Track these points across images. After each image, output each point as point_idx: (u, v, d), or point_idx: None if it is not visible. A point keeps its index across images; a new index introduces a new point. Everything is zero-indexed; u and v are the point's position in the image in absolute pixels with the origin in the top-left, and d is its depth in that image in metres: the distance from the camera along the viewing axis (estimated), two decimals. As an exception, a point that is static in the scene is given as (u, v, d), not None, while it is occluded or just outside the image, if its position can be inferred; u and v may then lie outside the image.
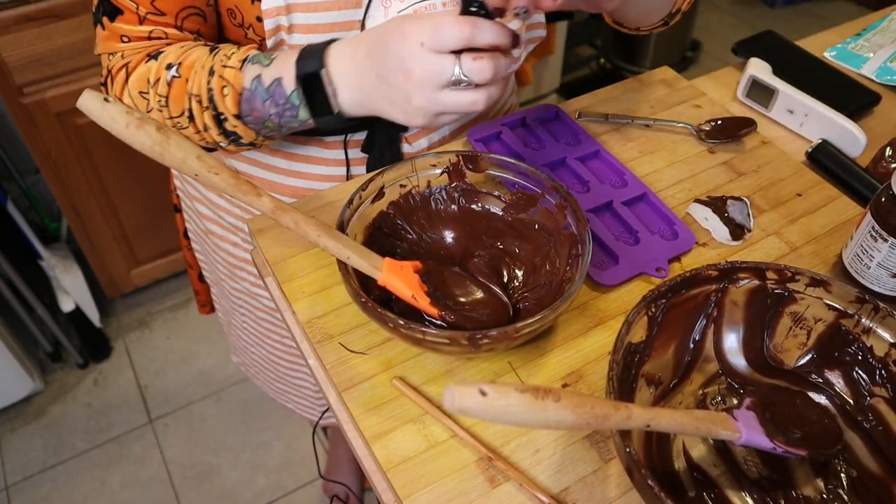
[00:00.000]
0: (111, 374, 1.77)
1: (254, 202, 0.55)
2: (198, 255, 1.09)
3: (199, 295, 1.21)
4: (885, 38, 1.01)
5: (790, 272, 0.57)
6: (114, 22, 0.66)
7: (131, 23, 0.66)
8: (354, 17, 0.66)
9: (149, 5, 0.65)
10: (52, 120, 1.39)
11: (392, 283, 0.58)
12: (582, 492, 0.53)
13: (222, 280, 1.01)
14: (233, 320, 1.09)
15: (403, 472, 0.53)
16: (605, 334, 0.63)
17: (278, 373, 1.11)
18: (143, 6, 0.64)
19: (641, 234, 0.70)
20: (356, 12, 0.66)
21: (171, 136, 0.52)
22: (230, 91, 0.62)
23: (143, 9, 0.65)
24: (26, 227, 1.62)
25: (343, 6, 0.65)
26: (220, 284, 1.05)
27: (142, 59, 0.66)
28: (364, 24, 0.66)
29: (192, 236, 1.06)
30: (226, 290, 1.03)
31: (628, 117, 0.84)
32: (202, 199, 0.91)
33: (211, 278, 1.11)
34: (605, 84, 0.90)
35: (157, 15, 0.65)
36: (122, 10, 0.65)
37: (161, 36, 0.67)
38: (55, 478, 1.58)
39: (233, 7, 0.67)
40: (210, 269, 1.06)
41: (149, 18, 0.65)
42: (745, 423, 0.50)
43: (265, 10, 0.64)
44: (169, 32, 0.67)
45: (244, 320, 1.04)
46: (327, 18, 0.66)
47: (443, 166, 0.66)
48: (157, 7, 0.65)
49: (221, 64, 0.63)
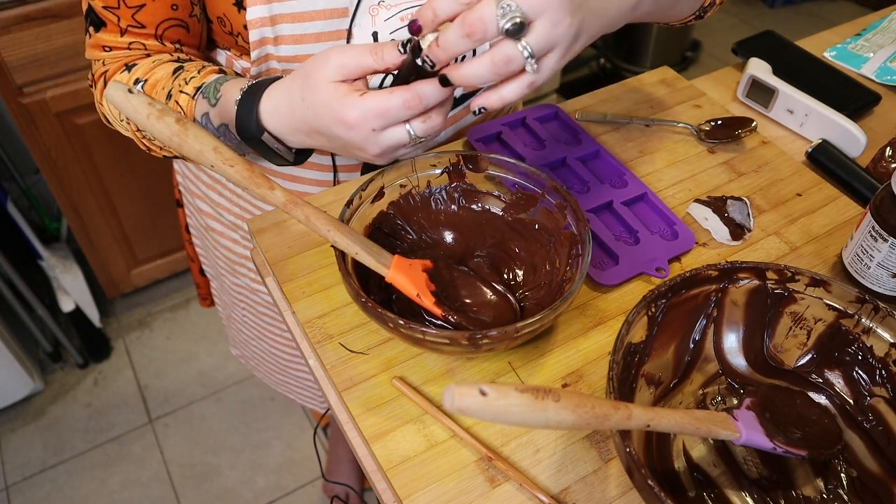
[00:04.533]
0: (111, 374, 1.77)
1: (266, 195, 0.55)
2: (198, 249, 1.10)
3: (199, 288, 1.21)
4: (885, 38, 1.01)
5: (790, 272, 0.57)
6: (98, 32, 0.67)
7: (113, 33, 0.67)
8: (341, 27, 0.66)
9: (129, 18, 0.65)
10: (52, 120, 1.39)
11: (398, 281, 0.58)
12: (582, 492, 0.53)
13: (223, 275, 1.02)
14: (233, 314, 1.10)
15: (403, 472, 0.53)
16: (605, 334, 0.63)
17: (279, 365, 1.12)
18: (125, 18, 0.65)
19: (641, 234, 0.70)
20: (343, 21, 0.65)
21: (189, 127, 0.53)
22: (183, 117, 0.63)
23: (123, 21, 0.65)
24: (26, 227, 1.62)
25: (329, 16, 0.65)
26: (220, 279, 1.06)
27: (119, 68, 0.68)
28: (351, 32, 0.66)
29: (193, 231, 1.07)
30: (226, 286, 1.04)
31: (628, 117, 0.84)
32: (203, 196, 0.92)
33: (211, 273, 1.12)
34: (605, 84, 0.90)
35: (137, 27, 0.66)
36: (105, 22, 0.66)
37: (139, 47, 0.68)
38: (55, 478, 1.58)
39: (222, 16, 0.67)
40: (210, 263, 1.07)
41: (129, 30, 0.66)
42: (745, 423, 0.50)
43: (250, 20, 0.63)
44: (148, 44, 0.68)
45: (244, 315, 1.05)
46: (314, 28, 0.65)
47: (443, 166, 0.66)
48: (138, 20, 0.66)
49: (178, 89, 0.64)
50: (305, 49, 0.66)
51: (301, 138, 0.58)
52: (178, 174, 0.99)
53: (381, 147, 0.54)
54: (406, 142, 0.54)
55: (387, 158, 0.57)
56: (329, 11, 0.65)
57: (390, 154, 0.56)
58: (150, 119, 0.53)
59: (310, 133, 0.57)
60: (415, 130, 0.53)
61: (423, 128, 0.53)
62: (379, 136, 0.53)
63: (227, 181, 0.85)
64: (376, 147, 0.54)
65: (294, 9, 0.63)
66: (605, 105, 0.87)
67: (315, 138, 0.57)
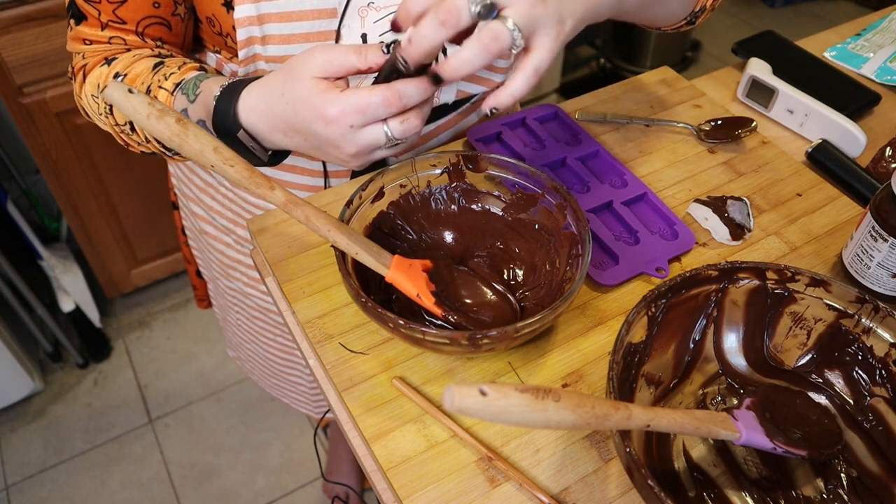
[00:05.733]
0: (111, 374, 1.77)
1: (267, 195, 0.55)
2: (195, 251, 1.10)
3: (197, 290, 1.21)
4: (885, 38, 1.01)
5: (790, 272, 0.57)
6: (79, 25, 0.67)
7: (94, 27, 0.67)
8: (329, 28, 0.65)
9: (110, 13, 0.65)
10: (52, 120, 1.39)
11: (398, 281, 0.58)
12: (582, 492, 0.53)
13: (217, 278, 1.02)
14: (228, 317, 1.11)
15: (403, 472, 0.53)
16: (605, 334, 0.63)
17: (273, 369, 1.12)
18: (105, 13, 0.65)
19: (641, 234, 0.70)
20: (331, 22, 0.65)
21: (189, 127, 0.53)
22: None
23: (104, 16, 0.65)
24: (26, 227, 1.62)
25: (318, 16, 0.65)
26: (215, 282, 1.06)
27: (98, 62, 0.68)
28: (339, 33, 0.66)
29: (188, 234, 1.06)
30: (221, 288, 1.04)
31: (628, 117, 0.84)
32: (196, 199, 0.91)
33: (207, 275, 1.12)
34: (605, 84, 0.90)
35: (119, 23, 0.66)
36: (86, 15, 0.66)
37: (120, 42, 0.67)
38: (55, 478, 1.58)
39: (211, 16, 0.67)
40: (206, 266, 1.07)
41: (110, 25, 0.66)
42: (745, 423, 0.50)
43: (238, 19, 0.63)
44: (128, 39, 0.67)
45: (238, 318, 1.05)
46: (301, 28, 0.65)
47: (443, 166, 0.66)
48: (118, 15, 0.65)
49: (157, 84, 0.63)
50: (293, 49, 0.66)
51: (278, 137, 0.58)
52: (174, 177, 0.98)
53: (357, 146, 0.54)
54: (382, 143, 0.54)
55: (361, 160, 0.56)
56: (317, 12, 0.64)
57: (365, 155, 0.55)
58: (150, 119, 0.52)
59: (287, 132, 0.57)
60: (392, 131, 0.53)
61: (400, 129, 0.53)
62: (356, 134, 0.53)
63: (220, 185, 0.85)
64: (353, 146, 0.54)
65: (282, 8, 0.63)
66: (605, 105, 0.87)
67: (291, 137, 0.57)
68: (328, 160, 0.58)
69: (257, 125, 0.58)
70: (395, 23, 0.51)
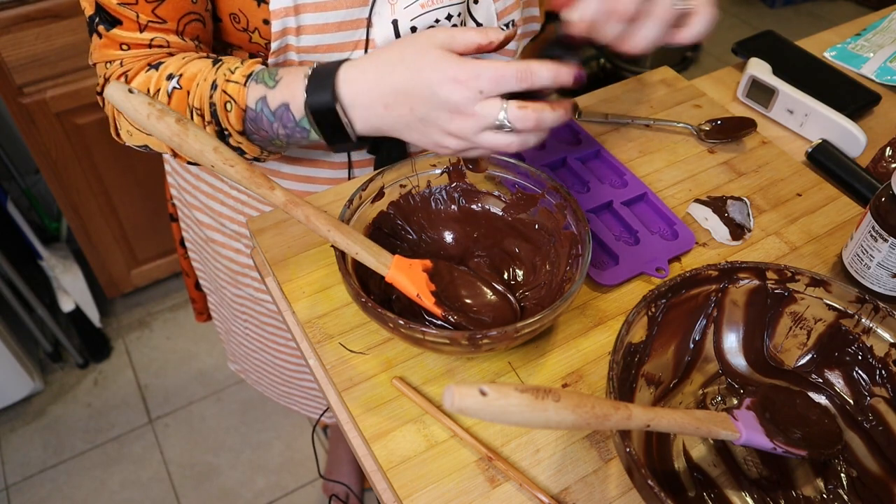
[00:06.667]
0: (111, 374, 1.77)
1: (266, 195, 0.55)
2: (195, 263, 1.08)
3: (195, 303, 1.19)
4: (885, 38, 1.01)
5: (790, 272, 0.57)
6: (113, 30, 0.64)
7: (131, 31, 0.64)
8: (361, 16, 0.66)
9: (150, 13, 0.63)
10: (52, 120, 1.39)
11: (398, 281, 0.58)
12: (582, 492, 0.53)
13: (223, 288, 1.00)
14: (233, 328, 1.09)
15: (403, 472, 0.53)
16: (605, 334, 0.63)
17: (283, 377, 1.10)
18: (144, 14, 0.63)
19: (641, 234, 0.70)
20: (362, 10, 0.65)
21: (189, 127, 0.53)
22: (234, 107, 0.61)
23: (143, 17, 0.63)
24: (26, 227, 1.62)
25: (350, 4, 0.65)
26: (220, 293, 1.04)
27: (142, 68, 0.65)
28: (370, 20, 0.66)
29: (189, 245, 1.05)
30: (227, 298, 1.02)
31: (628, 117, 0.84)
32: (202, 207, 0.90)
33: (210, 287, 1.10)
34: (606, 84, 0.90)
35: (159, 23, 0.64)
36: (120, 19, 0.63)
37: (163, 44, 0.65)
38: (55, 478, 1.58)
39: (236, 11, 0.66)
40: (209, 277, 1.05)
41: (150, 26, 0.64)
42: (745, 423, 0.50)
43: (273, 10, 0.63)
44: (171, 40, 0.65)
45: (247, 327, 1.04)
46: (335, 17, 0.65)
47: (443, 166, 0.66)
48: (159, 14, 0.63)
49: (225, 78, 0.62)
50: (325, 39, 0.65)
51: (377, 111, 0.57)
52: (173, 187, 0.96)
53: (475, 115, 0.54)
54: (495, 120, 0.54)
55: (459, 142, 0.56)
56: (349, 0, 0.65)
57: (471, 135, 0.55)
58: (150, 119, 0.52)
59: (391, 103, 0.56)
60: (507, 114, 0.53)
61: (516, 113, 0.53)
62: (479, 103, 0.53)
63: (230, 189, 0.85)
64: (470, 116, 0.54)
65: None
66: (605, 105, 0.87)
67: (394, 108, 0.57)
68: (421, 138, 0.57)
69: (358, 97, 0.58)
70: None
